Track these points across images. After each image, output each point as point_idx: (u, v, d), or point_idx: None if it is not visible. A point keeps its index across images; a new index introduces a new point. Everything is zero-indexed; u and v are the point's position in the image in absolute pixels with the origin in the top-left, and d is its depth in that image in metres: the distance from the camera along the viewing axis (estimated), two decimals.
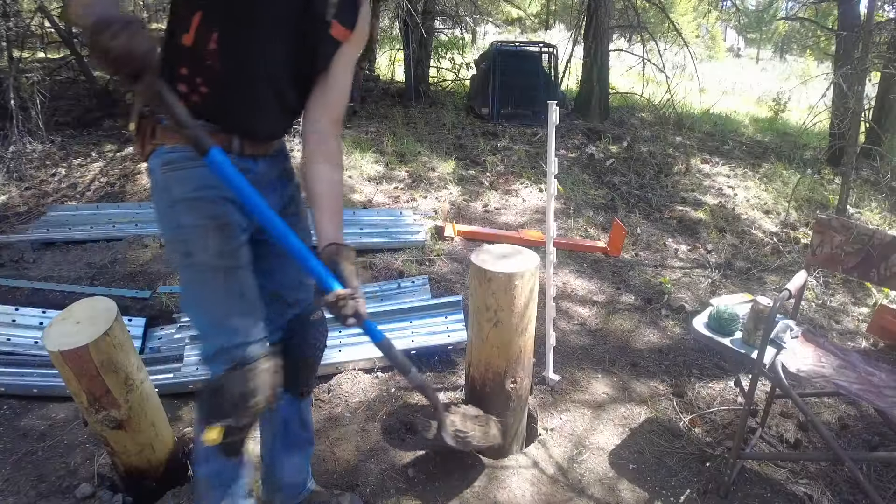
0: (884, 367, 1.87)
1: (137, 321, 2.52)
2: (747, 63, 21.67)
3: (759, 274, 3.52)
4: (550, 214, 2.14)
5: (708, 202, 4.54)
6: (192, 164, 1.17)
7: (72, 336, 1.46)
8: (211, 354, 1.21)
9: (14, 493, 1.74)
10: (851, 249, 1.95)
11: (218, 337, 1.20)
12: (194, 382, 2.19)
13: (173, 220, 1.20)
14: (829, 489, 1.91)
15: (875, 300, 3.29)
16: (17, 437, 1.98)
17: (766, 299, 1.83)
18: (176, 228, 1.21)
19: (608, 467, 1.97)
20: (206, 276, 1.21)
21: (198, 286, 1.22)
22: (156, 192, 1.23)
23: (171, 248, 1.26)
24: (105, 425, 1.56)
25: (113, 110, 5.62)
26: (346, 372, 2.31)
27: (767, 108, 9.31)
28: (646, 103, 6.97)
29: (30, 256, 3.06)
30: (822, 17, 10.53)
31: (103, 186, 4.10)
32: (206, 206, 1.20)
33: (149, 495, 1.72)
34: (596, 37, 6.18)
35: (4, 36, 4.68)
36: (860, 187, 5.14)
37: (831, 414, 2.31)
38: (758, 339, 1.78)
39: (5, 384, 2.17)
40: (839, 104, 4.82)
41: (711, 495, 1.86)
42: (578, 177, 4.73)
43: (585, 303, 3.04)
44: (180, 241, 1.21)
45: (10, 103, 4.22)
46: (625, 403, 2.30)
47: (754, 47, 30.06)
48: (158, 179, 1.21)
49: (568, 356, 2.56)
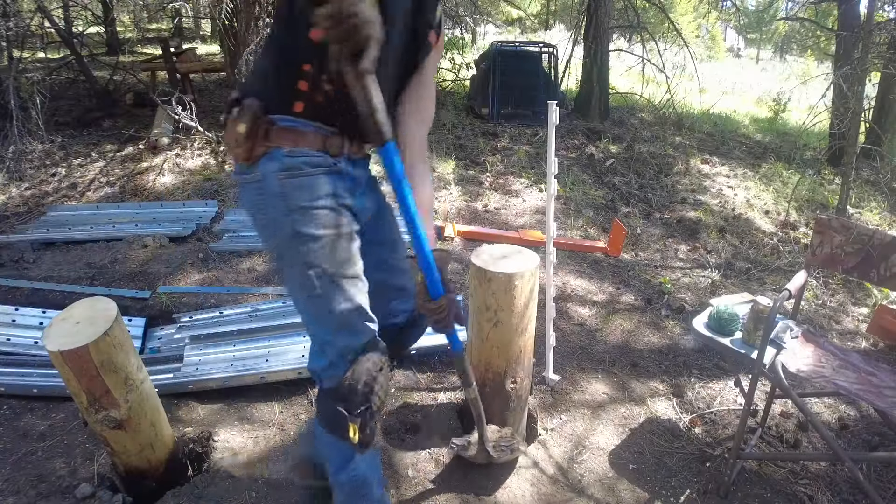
0: (884, 367, 1.87)
1: (137, 321, 2.52)
2: (747, 63, 21.67)
3: (758, 274, 3.52)
4: (550, 214, 2.14)
5: (708, 202, 4.53)
6: (314, 172, 1.16)
7: (72, 336, 1.46)
8: (335, 359, 1.22)
9: (14, 493, 1.74)
10: (851, 249, 1.95)
11: (344, 340, 1.22)
12: (194, 382, 2.19)
13: (289, 229, 1.16)
14: (829, 489, 1.91)
15: (875, 300, 3.29)
16: (17, 437, 1.98)
17: (766, 299, 1.83)
18: (293, 237, 1.16)
19: (608, 467, 1.97)
20: (331, 285, 1.19)
21: (322, 296, 1.19)
22: (266, 197, 1.17)
23: (284, 256, 1.20)
24: (105, 425, 1.56)
25: (113, 110, 5.63)
26: None
27: (767, 108, 9.30)
28: (646, 103, 6.97)
29: (30, 256, 3.06)
30: (822, 18, 10.53)
31: (103, 186, 4.10)
32: (329, 215, 1.18)
33: (149, 495, 1.72)
34: (596, 37, 6.18)
35: (4, 36, 4.68)
36: (860, 187, 5.14)
37: (831, 414, 2.31)
38: (758, 340, 1.78)
39: (5, 384, 2.17)
40: (839, 104, 4.82)
41: (711, 495, 1.86)
42: (578, 177, 4.73)
43: (585, 303, 3.04)
44: (298, 251, 1.17)
45: (10, 103, 4.21)
46: (625, 403, 2.30)
47: (754, 47, 30.06)
48: (272, 185, 1.15)
49: (568, 356, 2.56)
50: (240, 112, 1.15)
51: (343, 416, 1.21)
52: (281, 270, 1.24)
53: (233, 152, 1.18)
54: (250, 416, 2.13)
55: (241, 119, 1.14)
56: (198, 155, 4.58)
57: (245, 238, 3.32)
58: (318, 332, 1.25)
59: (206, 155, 4.60)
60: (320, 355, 1.25)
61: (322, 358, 1.25)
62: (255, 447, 1.96)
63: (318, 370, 1.27)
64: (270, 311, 2.54)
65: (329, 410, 1.24)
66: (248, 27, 4.55)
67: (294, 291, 1.24)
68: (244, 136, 1.14)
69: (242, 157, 1.16)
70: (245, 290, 2.87)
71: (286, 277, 1.24)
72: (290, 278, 1.22)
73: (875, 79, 6.08)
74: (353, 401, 1.21)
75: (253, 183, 1.18)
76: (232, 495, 1.75)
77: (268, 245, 1.23)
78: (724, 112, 8.08)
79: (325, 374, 1.25)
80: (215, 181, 4.13)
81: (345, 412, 1.21)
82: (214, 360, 2.31)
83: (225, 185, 4.07)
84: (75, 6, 7.85)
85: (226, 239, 3.31)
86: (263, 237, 1.23)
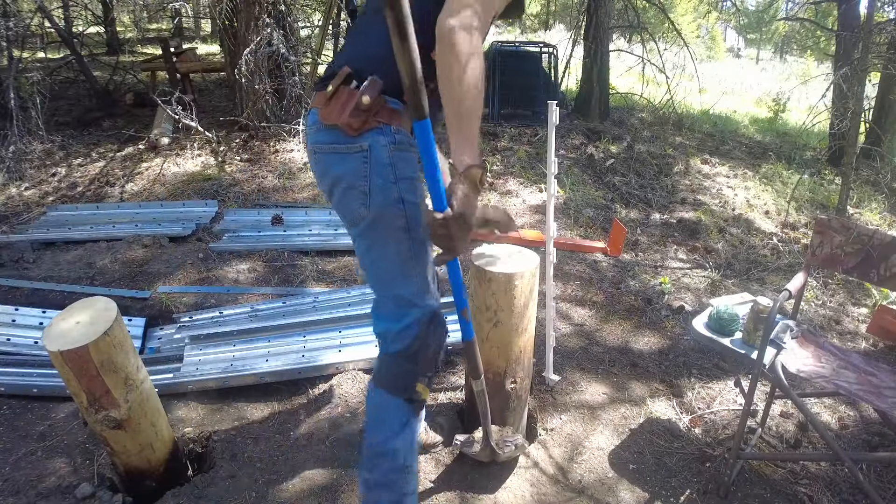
0: (884, 367, 1.87)
1: (137, 321, 2.52)
2: (747, 63, 21.68)
3: (758, 274, 3.52)
4: (550, 214, 2.14)
5: (708, 202, 4.54)
6: (410, 149, 1.31)
7: (72, 336, 1.46)
8: (411, 321, 1.33)
9: (14, 493, 1.74)
10: (851, 250, 1.95)
11: (426, 300, 1.35)
12: (194, 382, 2.19)
13: (395, 195, 1.29)
14: (829, 490, 1.91)
15: (875, 300, 3.29)
16: (17, 437, 1.97)
17: (766, 300, 1.83)
18: (397, 203, 1.29)
19: (608, 468, 1.97)
20: (420, 248, 1.34)
21: (413, 257, 1.33)
22: (374, 166, 1.27)
23: (382, 219, 1.30)
24: (105, 425, 1.56)
25: (113, 110, 5.63)
26: (346, 372, 2.31)
27: (767, 108, 9.31)
28: (646, 103, 6.97)
29: (30, 256, 3.06)
30: (822, 18, 10.54)
31: (103, 186, 4.10)
32: (419, 186, 1.34)
33: (149, 495, 1.72)
34: (596, 37, 6.18)
35: (4, 36, 4.68)
36: (860, 188, 5.14)
37: (831, 414, 2.31)
38: (758, 340, 1.78)
39: (5, 384, 2.17)
40: (839, 104, 4.82)
41: (711, 496, 1.86)
42: (578, 177, 4.73)
43: (585, 303, 3.04)
44: (399, 216, 1.30)
45: (9, 103, 4.22)
46: (624, 404, 2.30)
47: (754, 47, 30.07)
48: (383, 156, 1.27)
49: (568, 356, 2.56)
50: (367, 86, 1.24)
51: (413, 374, 1.36)
52: (369, 235, 1.33)
53: (339, 120, 1.25)
54: (250, 416, 2.13)
55: (367, 92, 1.24)
56: (198, 155, 4.58)
57: (245, 238, 3.32)
58: (402, 292, 1.35)
59: (206, 155, 4.61)
60: (395, 318, 1.35)
61: (396, 321, 1.34)
62: (255, 447, 1.96)
63: (389, 332, 1.36)
64: (270, 311, 2.54)
65: (397, 370, 1.37)
66: (247, 27, 4.55)
67: (385, 256, 1.33)
68: (364, 108, 1.24)
69: (354, 126, 1.25)
70: (245, 290, 2.87)
71: (378, 242, 1.33)
72: (382, 242, 1.32)
73: (875, 79, 6.09)
74: (424, 361, 1.36)
75: (358, 153, 1.27)
76: (232, 495, 1.75)
77: (362, 210, 1.30)
78: (724, 112, 8.08)
79: (398, 336, 1.35)
80: (215, 181, 4.14)
81: (414, 371, 1.35)
82: (214, 359, 2.31)
83: (225, 184, 4.07)
84: (75, 6, 7.85)
85: (226, 239, 3.31)
86: (359, 202, 1.30)
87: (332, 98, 1.27)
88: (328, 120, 1.28)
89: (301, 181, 4.24)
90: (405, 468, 1.41)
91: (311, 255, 3.25)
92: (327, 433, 2.02)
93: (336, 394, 2.22)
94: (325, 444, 1.97)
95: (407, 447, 1.42)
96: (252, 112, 4.76)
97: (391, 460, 1.40)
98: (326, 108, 1.28)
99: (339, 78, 1.27)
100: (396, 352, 1.36)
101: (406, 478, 1.42)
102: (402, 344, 1.35)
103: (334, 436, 2.01)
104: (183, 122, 4.63)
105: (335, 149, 1.29)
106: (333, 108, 1.27)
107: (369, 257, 1.36)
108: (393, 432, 1.39)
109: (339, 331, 2.47)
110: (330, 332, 2.46)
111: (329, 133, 1.29)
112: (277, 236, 3.37)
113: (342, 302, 2.62)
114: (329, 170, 1.32)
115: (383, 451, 1.39)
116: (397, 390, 1.37)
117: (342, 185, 1.31)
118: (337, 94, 1.27)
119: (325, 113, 1.28)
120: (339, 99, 1.27)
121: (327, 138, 1.30)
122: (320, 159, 1.34)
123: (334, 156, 1.30)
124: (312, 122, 1.35)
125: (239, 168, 4.39)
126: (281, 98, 4.93)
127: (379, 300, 1.39)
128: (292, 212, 3.62)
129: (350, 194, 1.30)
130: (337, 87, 1.27)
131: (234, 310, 2.57)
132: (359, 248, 1.38)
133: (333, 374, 2.30)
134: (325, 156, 1.32)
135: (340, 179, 1.30)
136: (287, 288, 2.91)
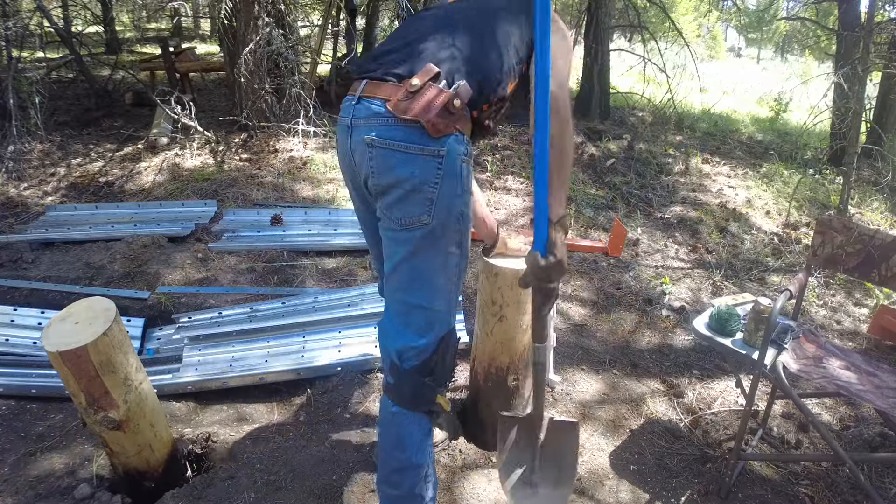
0: (885, 367, 1.86)
1: (136, 321, 2.52)
2: (748, 63, 21.67)
3: (759, 274, 3.51)
4: None
5: (708, 202, 4.53)
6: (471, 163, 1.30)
7: (70, 336, 1.45)
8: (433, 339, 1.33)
9: (13, 493, 1.73)
10: (852, 250, 1.94)
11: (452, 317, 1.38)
12: (193, 383, 2.18)
13: (460, 208, 1.27)
14: (830, 490, 1.90)
15: (876, 300, 3.28)
16: (16, 437, 1.97)
17: (767, 300, 1.82)
18: (459, 216, 1.28)
19: (608, 468, 1.96)
20: (465, 266, 1.36)
21: (458, 274, 1.34)
22: (446, 174, 1.23)
23: (444, 231, 1.27)
24: (104, 426, 1.55)
25: (112, 110, 5.62)
26: (345, 372, 2.30)
27: (768, 107, 9.30)
28: (646, 103, 6.95)
29: (28, 256, 3.06)
30: (823, 17, 10.52)
31: (103, 186, 4.09)
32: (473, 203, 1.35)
33: (148, 496, 1.71)
34: (596, 37, 6.17)
35: (3, 35, 4.67)
36: (861, 187, 5.13)
37: (832, 415, 2.31)
38: (759, 340, 1.77)
39: (4, 384, 2.17)
40: (840, 104, 4.82)
41: (712, 496, 1.86)
42: (578, 177, 4.72)
43: (586, 303, 3.03)
44: (457, 231, 1.29)
45: (8, 103, 4.21)
46: (625, 404, 2.29)
47: (755, 47, 30.06)
48: (456, 165, 1.24)
49: (568, 356, 2.56)
50: (460, 89, 1.22)
51: (431, 387, 1.36)
52: (419, 243, 1.27)
53: (424, 117, 1.19)
54: (249, 416, 2.12)
55: (460, 96, 1.22)
56: (197, 154, 4.57)
57: (244, 238, 3.32)
58: (439, 306, 1.33)
59: (205, 154, 4.60)
60: (422, 332, 1.33)
61: (421, 336, 1.33)
62: (255, 447, 1.96)
63: (411, 349, 1.33)
64: (269, 312, 2.54)
65: (415, 386, 1.35)
66: (247, 26, 4.54)
67: (432, 267, 1.30)
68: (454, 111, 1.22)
69: (438, 127, 1.20)
70: (244, 290, 2.86)
71: (428, 251, 1.28)
72: (434, 254, 1.28)
73: (876, 78, 6.08)
74: (442, 374, 1.37)
75: (434, 157, 1.22)
76: (231, 496, 1.74)
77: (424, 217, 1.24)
78: (725, 112, 8.07)
79: (419, 352, 1.33)
80: (214, 181, 4.13)
81: (433, 384, 1.35)
82: (213, 360, 2.31)
83: (224, 184, 4.07)
84: (74, 6, 7.84)
85: (225, 239, 3.30)
86: (423, 208, 1.24)
87: (417, 93, 1.19)
88: (408, 114, 1.18)
89: (301, 181, 4.23)
90: (426, 478, 1.41)
91: (310, 254, 3.25)
92: (327, 434, 2.02)
93: (335, 394, 2.21)
94: (324, 444, 1.96)
95: (429, 458, 1.42)
96: (251, 111, 4.75)
97: (415, 475, 1.39)
98: (406, 101, 1.19)
99: (427, 74, 1.21)
100: (415, 368, 1.33)
101: (427, 486, 1.42)
102: (416, 361, 1.33)
103: (334, 436, 2.00)
104: (182, 121, 4.63)
105: (406, 148, 1.21)
106: (416, 104, 1.19)
107: (410, 263, 1.28)
108: (416, 447, 1.38)
109: (339, 331, 2.46)
110: (329, 333, 2.46)
111: (403, 130, 1.20)
112: (277, 236, 3.37)
113: (341, 302, 2.61)
114: (393, 169, 1.22)
115: (408, 467, 1.38)
116: (418, 406, 1.37)
117: (405, 186, 1.22)
118: (422, 89, 1.20)
119: (405, 106, 1.19)
120: (424, 95, 1.19)
121: (400, 135, 1.21)
122: (380, 154, 1.23)
123: (402, 155, 1.21)
124: (372, 114, 1.24)
125: (238, 168, 4.38)
126: (280, 97, 4.92)
127: (403, 310, 1.33)
128: (292, 211, 3.61)
129: (414, 198, 1.23)
130: (424, 82, 1.20)
131: (233, 310, 2.56)
132: (398, 252, 1.29)
133: (333, 375, 2.30)
134: (389, 153, 1.22)
135: (405, 181, 1.22)
136: (286, 288, 2.90)
